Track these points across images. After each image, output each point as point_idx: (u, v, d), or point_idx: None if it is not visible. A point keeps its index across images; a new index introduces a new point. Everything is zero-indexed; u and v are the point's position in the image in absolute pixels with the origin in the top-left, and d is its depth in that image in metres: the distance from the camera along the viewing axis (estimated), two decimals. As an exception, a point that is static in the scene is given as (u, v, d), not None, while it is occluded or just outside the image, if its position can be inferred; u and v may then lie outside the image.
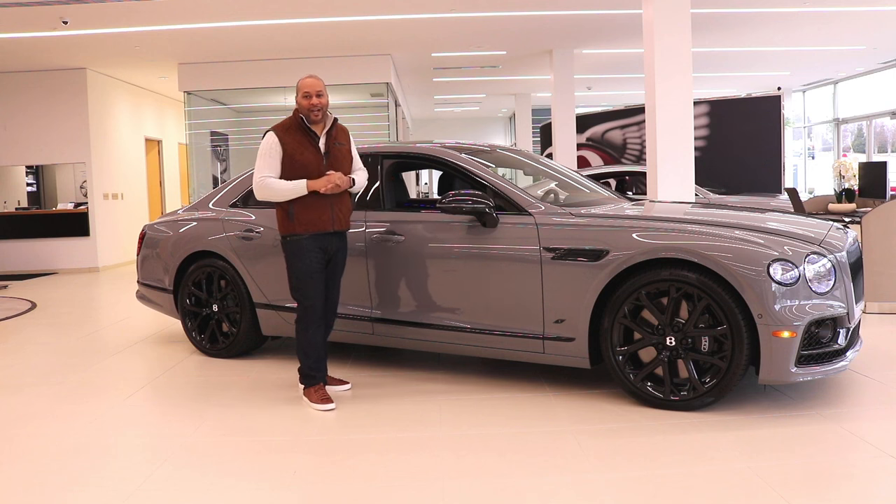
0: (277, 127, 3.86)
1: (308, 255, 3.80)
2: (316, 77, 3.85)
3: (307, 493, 2.81)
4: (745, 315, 3.33)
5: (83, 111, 10.89)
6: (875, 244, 5.57)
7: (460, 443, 3.25)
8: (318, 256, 3.83)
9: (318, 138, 3.83)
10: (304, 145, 3.80)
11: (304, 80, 3.82)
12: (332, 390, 4.01)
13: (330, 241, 3.88)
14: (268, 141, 3.81)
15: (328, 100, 3.82)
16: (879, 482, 2.72)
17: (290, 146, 3.78)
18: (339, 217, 3.87)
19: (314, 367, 3.87)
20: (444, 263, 4.07)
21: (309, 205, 3.78)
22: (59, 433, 3.55)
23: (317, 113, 3.79)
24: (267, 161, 3.78)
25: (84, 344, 5.67)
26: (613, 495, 2.67)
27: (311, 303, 3.82)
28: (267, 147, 3.80)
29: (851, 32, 10.81)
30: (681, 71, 6.16)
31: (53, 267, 10.97)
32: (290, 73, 10.86)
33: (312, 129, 3.83)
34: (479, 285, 3.95)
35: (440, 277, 4.08)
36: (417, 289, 4.15)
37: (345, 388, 4.09)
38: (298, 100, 3.80)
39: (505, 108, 20.31)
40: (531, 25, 9.62)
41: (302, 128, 3.82)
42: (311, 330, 3.84)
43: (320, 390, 3.86)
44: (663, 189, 6.17)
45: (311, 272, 3.81)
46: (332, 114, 3.91)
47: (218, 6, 7.88)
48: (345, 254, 4.02)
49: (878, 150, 15.07)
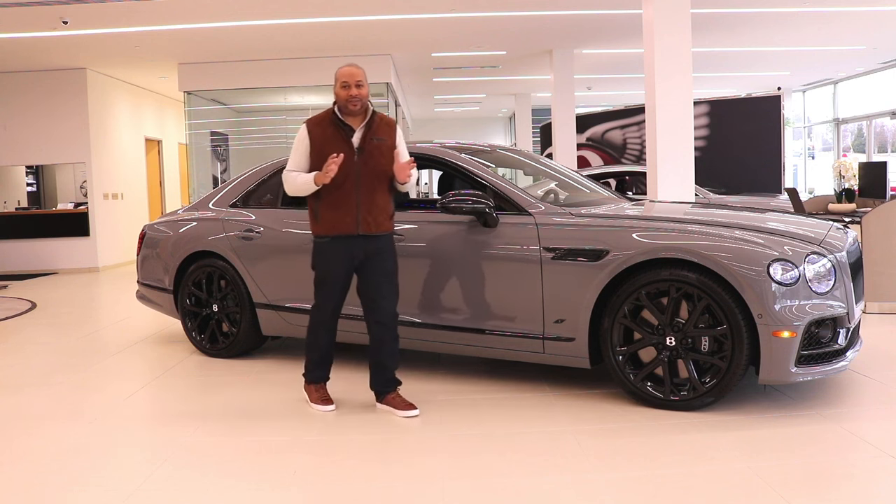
0: (311, 119, 3.67)
1: (328, 259, 3.63)
2: (356, 66, 3.58)
3: (307, 493, 2.80)
4: (745, 315, 3.33)
5: (83, 111, 10.89)
6: (875, 244, 5.57)
7: (460, 443, 3.25)
8: (340, 261, 3.61)
9: (352, 132, 3.58)
10: (333, 139, 3.56)
11: (342, 69, 3.57)
12: (393, 412, 3.66)
13: (357, 246, 3.59)
14: (299, 133, 3.65)
15: (368, 91, 3.57)
16: (879, 482, 2.71)
17: (318, 139, 3.58)
18: (367, 219, 3.56)
19: (316, 365, 3.83)
20: (444, 263, 4.07)
21: (334, 204, 3.56)
22: (59, 433, 3.55)
23: (355, 104, 3.53)
24: (294, 155, 3.64)
25: (84, 344, 5.66)
26: (613, 495, 2.67)
27: (320, 305, 3.73)
28: (297, 139, 3.65)
29: (851, 32, 10.81)
30: (681, 71, 6.16)
31: (53, 267, 10.97)
32: (290, 73, 10.94)
33: (347, 123, 3.58)
34: (479, 285, 3.95)
35: (440, 277, 4.08)
36: (417, 289, 4.15)
37: (408, 414, 3.61)
38: (336, 90, 3.56)
39: (505, 108, 20.31)
40: (531, 25, 9.62)
41: (334, 121, 3.59)
42: (316, 330, 3.78)
43: (321, 390, 3.84)
44: (663, 189, 6.17)
45: (329, 276, 3.65)
46: (373, 106, 3.64)
47: (218, 6, 7.88)
48: (385, 259, 3.67)
49: (878, 150, 15.06)
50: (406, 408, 3.65)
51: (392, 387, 3.75)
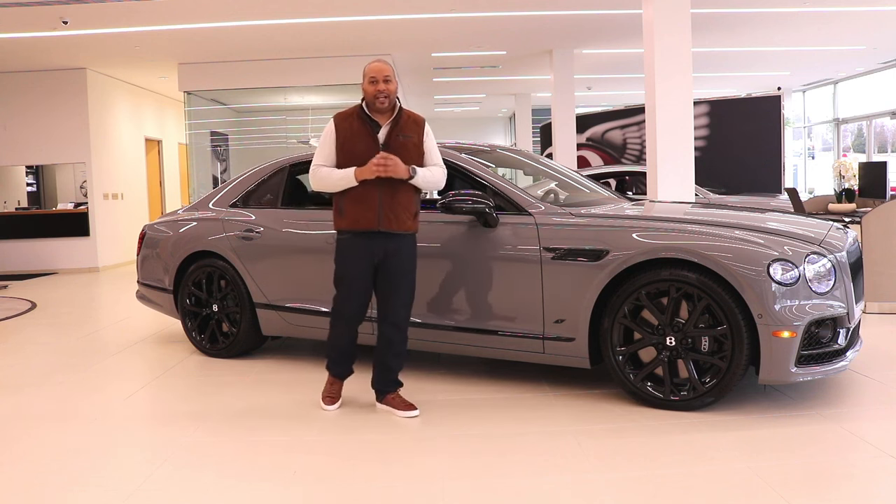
0: (340, 113, 3.64)
1: (350, 255, 3.60)
2: (384, 61, 3.58)
3: (307, 493, 2.80)
4: (745, 315, 3.33)
5: (83, 111, 10.89)
6: (875, 244, 5.57)
7: (460, 443, 3.25)
8: (361, 258, 3.58)
9: (378, 128, 3.57)
10: (360, 134, 3.55)
11: (371, 65, 3.57)
12: (392, 412, 3.68)
13: (377, 243, 3.55)
14: (327, 127, 3.62)
15: (396, 86, 3.57)
16: (879, 482, 2.71)
17: (344, 133, 3.56)
18: (388, 216, 3.51)
19: (335, 362, 3.81)
20: (444, 263, 4.07)
21: (356, 198, 3.53)
22: (59, 433, 3.55)
23: (383, 100, 3.51)
24: (321, 149, 3.61)
25: (84, 344, 5.66)
26: (613, 495, 2.67)
27: (340, 304, 3.70)
28: (324, 133, 3.62)
29: (851, 32, 10.81)
30: (681, 71, 6.16)
31: (53, 267, 10.97)
32: (290, 73, 10.93)
33: (373, 118, 3.57)
34: (480, 285, 3.95)
35: (440, 277, 4.08)
36: (417, 289, 4.14)
37: (407, 415, 3.64)
38: (364, 86, 3.55)
39: (505, 108, 20.31)
40: (531, 25, 9.62)
41: (361, 115, 3.58)
42: (337, 328, 3.74)
43: (334, 385, 3.81)
44: (663, 189, 6.17)
45: (349, 274, 3.62)
46: (400, 103, 3.64)
47: (218, 6, 7.88)
48: (404, 259, 3.63)
49: (878, 150, 15.06)
50: (406, 408, 3.65)
51: (393, 388, 3.75)
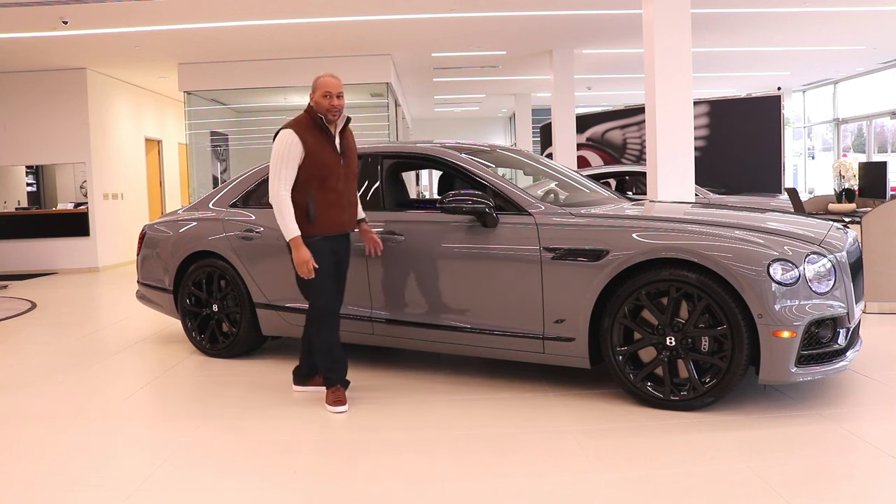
0: (295, 125, 3.71)
1: (323, 257, 3.72)
2: (336, 77, 3.76)
3: (307, 493, 2.80)
4: (745, 315, 3.33)
5: (83, 111, 10.89)
6: (875, 244, 5.57)
7: (460, 443, 3.25)
8: (331, 258, 3.77)
9: (333, 137, 3.77)
10: (323, 144, 3.72)
11: (325, 79, 3.73)
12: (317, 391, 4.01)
13: (341, 243, 3.87)
14: (287, 140, 3.65)
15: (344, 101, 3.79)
16: (879, 482, 2.72)
17: (311, 145, 3.67)
18: (353, 219, 3.90)
19: (332, 367, 3.82)
20: (444, 263, 4.07)
21: (330, 203, 3.73)
22: (59, 433, 3.55)
23: (335, 114, 3.73)
24: (286, 163, 3.64)
25: (84, 344, 5.67)
26: (613, 495, 2.67)
27: (325, 303, 3.76)
28: (286, 147, 3.64)
29: (851, 32, 10.81)
30: (681, 71, 6.16)
31: (53, 267, 10.97)
32: (290, 73, 10.92)
33: (328, 128, 3.76)
34: (479, 285, 3.95)
35: (440, 277, 4.08)
36: (417, 289, 4.15)
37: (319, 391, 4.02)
38: (317, 98, 3.71)
39: (505, 108, 20.31)
40: (531, 25, 9.62)
41: (319, 126, 3.73)
42: (327, 331, 3.79)
43: (337, 391, 3.81)
44: (663, 189, 6.17)
45: (327, 273, 3.75)
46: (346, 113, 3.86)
47: (218, 6, 7.88)
48: (348, 256, 3.98)
49: (878, 150, 15.07)
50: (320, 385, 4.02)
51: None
